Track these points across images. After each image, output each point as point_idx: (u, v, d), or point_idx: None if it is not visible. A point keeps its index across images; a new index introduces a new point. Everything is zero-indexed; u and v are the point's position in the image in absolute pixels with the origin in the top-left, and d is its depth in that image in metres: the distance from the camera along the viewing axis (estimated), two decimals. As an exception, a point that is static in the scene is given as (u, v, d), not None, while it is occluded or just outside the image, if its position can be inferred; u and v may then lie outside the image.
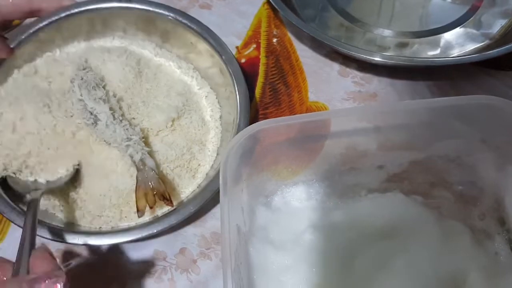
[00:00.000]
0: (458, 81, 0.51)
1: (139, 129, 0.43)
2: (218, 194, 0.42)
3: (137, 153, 0.40)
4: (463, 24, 0.55)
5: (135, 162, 0.41)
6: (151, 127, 0.44)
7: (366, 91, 0.51)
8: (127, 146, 0.41)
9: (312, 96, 0.51)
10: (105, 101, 0.42)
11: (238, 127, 0.42)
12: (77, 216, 0.41)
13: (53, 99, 0.43)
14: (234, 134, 0.42)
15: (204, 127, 0.46)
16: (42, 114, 0.42)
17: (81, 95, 0.42)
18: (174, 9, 0.48)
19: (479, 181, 0.40)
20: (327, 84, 0.52)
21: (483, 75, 0.51)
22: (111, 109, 0.42)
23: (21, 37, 0.45)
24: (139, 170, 0.40)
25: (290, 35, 0.55)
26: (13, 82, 0.45)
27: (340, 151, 0.39)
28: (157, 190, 0.39)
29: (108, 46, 0.49)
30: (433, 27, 0.55)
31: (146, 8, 0.47)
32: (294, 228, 0.39)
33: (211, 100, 0.48)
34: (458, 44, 0.54)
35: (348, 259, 0.37)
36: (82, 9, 0.47)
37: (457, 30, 0.55)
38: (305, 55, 0.54)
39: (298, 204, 0.41)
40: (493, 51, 0.47)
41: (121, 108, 0.44)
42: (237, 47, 0.54)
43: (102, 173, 0.42)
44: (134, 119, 0.44)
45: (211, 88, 0.48)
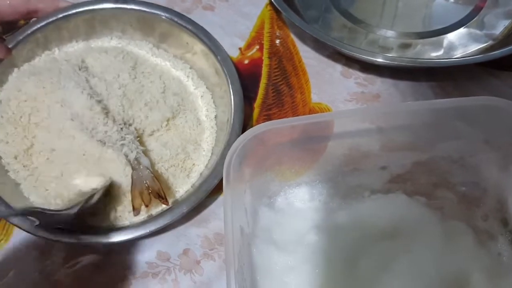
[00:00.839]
0: (461, 82, 0.51)
1: (134, 128, 0.43)
2: (216, 193, 0.43)
3: (131, 152, 0.41)
4: (466, 25, 0.55)
5: (130, 161, 0.41)
6: (146, 126, 0.44)
7: (369, 92, 0.51)
8: (122, 145, 0.41)
9: (315, 97, 0.51)
10: (98, 102, 0.42)
11: (232, 127, 0.43)
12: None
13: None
14: (228, 134, 0.42)
15: (199, 127, 0.46)
16: None
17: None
18: (170, 9, 0.48)
19: (482, 182, 0.40)
20: (330, 85, 0.52)
21: (487, 76, 0.51)
22: (105, 108, 0.42)
23: (19, 38, 0.45)
24: (134, 169, 0.41)
25: (293, 36, 0.55)
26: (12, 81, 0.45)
27: (343, 152, 0.39)
28: (152, 189, 0.40)
29: (106, 46, 0.49)
30: (436, 28, 0.55)
31: (142, 9, 0.48)
32: (297, 229, 0.39)
33: (206, 99, 0.48)
34: (461, 44, 0.54)
35: (351, 260, 0.37)
36: (79, 10, 0.47)
37: (460, 31, 0.55)
38: (308, 56, 0.54)
39: (301, 205, 0.41)
40: (496, 52, 0.47)
41: (116, 107, 0.43)
42: (240, 48, 0.54)
43: (97, 172, 0.42)
44: (129, 118, 0.44)
45: (207, 88, 0.49)
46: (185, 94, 0.48)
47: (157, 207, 0.41)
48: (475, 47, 0.53)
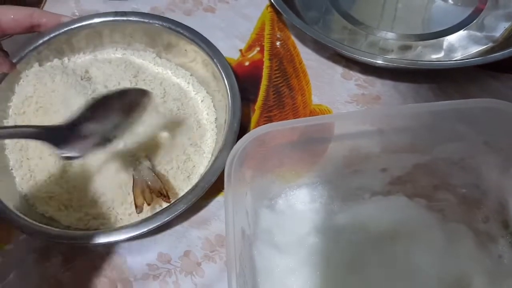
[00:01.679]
0: (461, 83, 0.51)
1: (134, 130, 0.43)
2: (217, 195, 0.43)
3: (133, 153, 0.42)
4: (466, 27, 0.55)
5: (131, 162, 0.42)
6: (147, 129, 0.44)
7: (369, 93, 0.51)
8: (123, 147, 0.41)
9: (316, 98, 0.51)
10: None
11: (229, 127, 0.43)
12: (73, 219, 0.42)
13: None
14: (225, 134, 0.42)
15: (200, 130, 0.47)
16: None
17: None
18: (167, 18, 0.49)
19: (482, 184, 0.40)
20: (330, 86, 0.52)
21: (487, 78, 0.51)
22: None
23: (22, 53, 0.46)
24: (135, 169, 0.41)
25: (293, 38, 0.56)
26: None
27: (344, 153, 0.39)
28: (153, 187, 0.40)
29: (111, 57, 0.51)
30: (436, 30, 0.55)
31: (140, 20, 0.49)
32: (298, 231, 0.39)
33: (207, 104, 0.49)
34: (462, 46, 0.54)
35: (351, 262, 0.37)
36: (81, 24, 0.49)
37: (461, 33, 0.55)
38: (308, 58, 0.54)
39: (302, 207, 0.41)
40: (496, 54, 0.47)
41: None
42: (240, 50, 0.55)
43: (97, 174, 0.43)
44: (130, 122, 0.44)
45: (207, 93, 0.49)
46: (185, 99, 0.48)
47: (161, 205, 0.42)
48: (475, 49, 0.53)
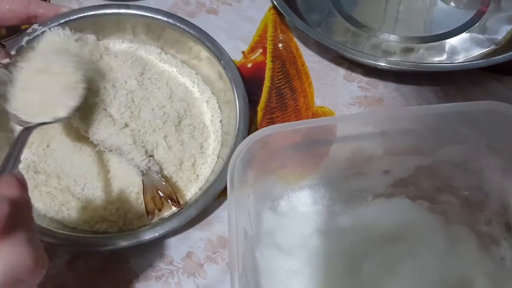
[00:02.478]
0: (464, 86, 0.51)
1: (142, 133, 0.43)
2: (219, 197, 0.43)
3: (141, 157, 0.41)
4: (468, 30, 0.56)
5: (139, 167, 0.41)
6: (153, 131, 0.44)
7: (372, 96, 0.51)
8: (131, 151, 0.41)
9: (318, 100, 0.51)
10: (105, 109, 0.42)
11: (237, 131, 0.43)
12: (81, 221, 0.42)
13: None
14: (234, 138, 0.42)
15: (205, 132, 0.46)
16: None
17: None
18: (173, 15, 0.48)
19: (485, 186, 0.40)
20: (333, 88, 0.52)
21: (489, 80, 0.51)
22: (111, 115, 0.42)
23: (21, 43, 0.45)
24: (144, 175, 0.41)
25: (296, 40, 0.56)
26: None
27: (346, 156, 0.40)
28: (164, 193, 0.40)
29: (117, 49, 0.49)
30: (438, 32, 0.55)
31: (144, 14, 0.48)
32: (300, 233, 0.39)
33: (212, 104, 0.48)
34: (464, 49, 0.54)
35: (354, 264, 0.37)
36: (82, 15, 0.47)
37: (463, 35, 0.55)
38: (311, 60, 0.54)
39: (304, 209, 0.41)
40: (499, 56, 0.48)
41: (123, 113, 0.43)
42: (243, 52, 0.55)
43: (106, 178, 0.43)
44: (137, 124, 0.44)
45: (212, 93, 0.49)
46: (191, 100, 0.48)
47: (171, 210, 0.42)
48: (477, 51, 0.53)
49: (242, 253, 0.32)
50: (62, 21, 0.46)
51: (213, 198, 0.40)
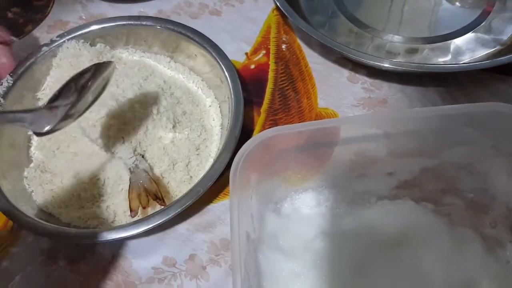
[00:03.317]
0: (469, 87, 0.51)
1: (135, 131, 0.44)
2: (218, 198, 0.43)
3: (128, 155, 0.42)
4: (473, 30, 0.55)
5: (127, 165, 0.42)
6: (151, 132, 0.44)
7: (376, 97, 0.51)
8: (118, 148, 0.42)
9: (322, 102, 0.51)
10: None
11: (229, 133, 0.43)
12: (75, 218, 0.42)
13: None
14: (225, 140, 0.42)
15: (204, 134, 0.47)
16: None
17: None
18: (177, 22, 0.50)
19: (490, 189, 0.39)
20: (336, 90, 0.52)
21: (494, 81, 0.51)
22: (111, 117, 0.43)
23: (31, 59, 0.47)
24: (132, 172, 0.42)
25: (299, 41, 0.56)
26: None
27: (350, 157, 0.39)
28: (149, 191, 0.40)
29: (129, 59, 0.51)
30: (443, 33, 0.55)
31: (152, 24, 0.50)
32: (303, 235, 0.39)
33: (214, 108, 0.49)
34: (469, 50, 0.53)
35: (358, 267, 0.37)
36: (95, 28, 0.49)
37: (468, 36, 0.55)
38: (314, 61, 0.54)
39: (307, 211, 0.40)
40: (504, 57, 0.47)
41: (122, 114, 0.44)
42: (246, 53, 0.55)
43: (95, 176, 0.43)
44: (131, 122, 0.44)
45: (216, 98, 0.49)
46: (193, 104, 0.48)
47: (155, 208, 0.42)
48: (482, 52, 0.53)
49: (244, 255, 0.32)
50: (78, 33, 0.49)
51: (198, 196, 0.39)
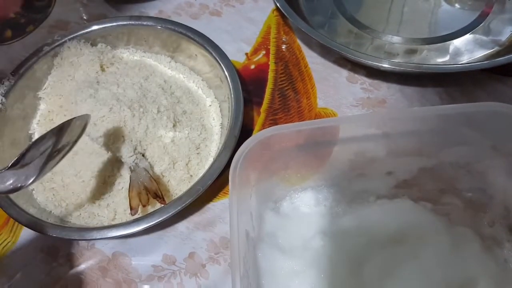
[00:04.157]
0: (467, 87, 0.51)
1: (135, 130, 0.44)
2: (217, 197, 0.43)
3: (129, 153, 0.42)
4: (472, 31, 0.55)
5: (127, 163, 0.42)
6: (151, 131, 0.44)
7: (375, 97, 0.51)
8: (119, 147, 0.42)
9: (321, 102, 0.51)
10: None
11: (229, 132, 0.43)
12: (75, 216, 0.43)
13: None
14: (225, 139, 0.43)
15: (204, 133, 0.47)
16: None
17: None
18: (177, 23, 0.50)
19: (489, 188, 0.39)
20: (335, 90, 0.52)
21: (493, 82, 0.51)
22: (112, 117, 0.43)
23: (33, 59, 0.47)
24: (132, 171, 0.42)
25: (299, 41, 0.56)
26: None
27: (349, 157, 0.39)
28: (149, 189, 0.41)
29: (129, 59, 0.52)
30: (442, 34, 0.55)
31: (153, 24, 0.50)
32: (302, 234, 0.39)
33: (214, 108, 0.49)
34: (468, 50, 0.54)
35: (357, 265, 0.37)
36: (96, 27, 0.50)
37: (467, 37, 0.55)
38: (314, 61, 0.54)
39: (306, 210, 0.41)
40: (502, 58, 0.47)
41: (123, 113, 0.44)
42: (246, 53, 0.55)
43: (96, 174, 0.43)
44: (136, 124, 0.44)
45: (216, 97, 0.49)
46: (193, 104, 0.49)
47: (155, 206, 0.42)
48: (481, 53, 0.53)
49: (243, 254, 0.32)
50: (79, 33, 0.49)
51: (198, 195, 0.40)
